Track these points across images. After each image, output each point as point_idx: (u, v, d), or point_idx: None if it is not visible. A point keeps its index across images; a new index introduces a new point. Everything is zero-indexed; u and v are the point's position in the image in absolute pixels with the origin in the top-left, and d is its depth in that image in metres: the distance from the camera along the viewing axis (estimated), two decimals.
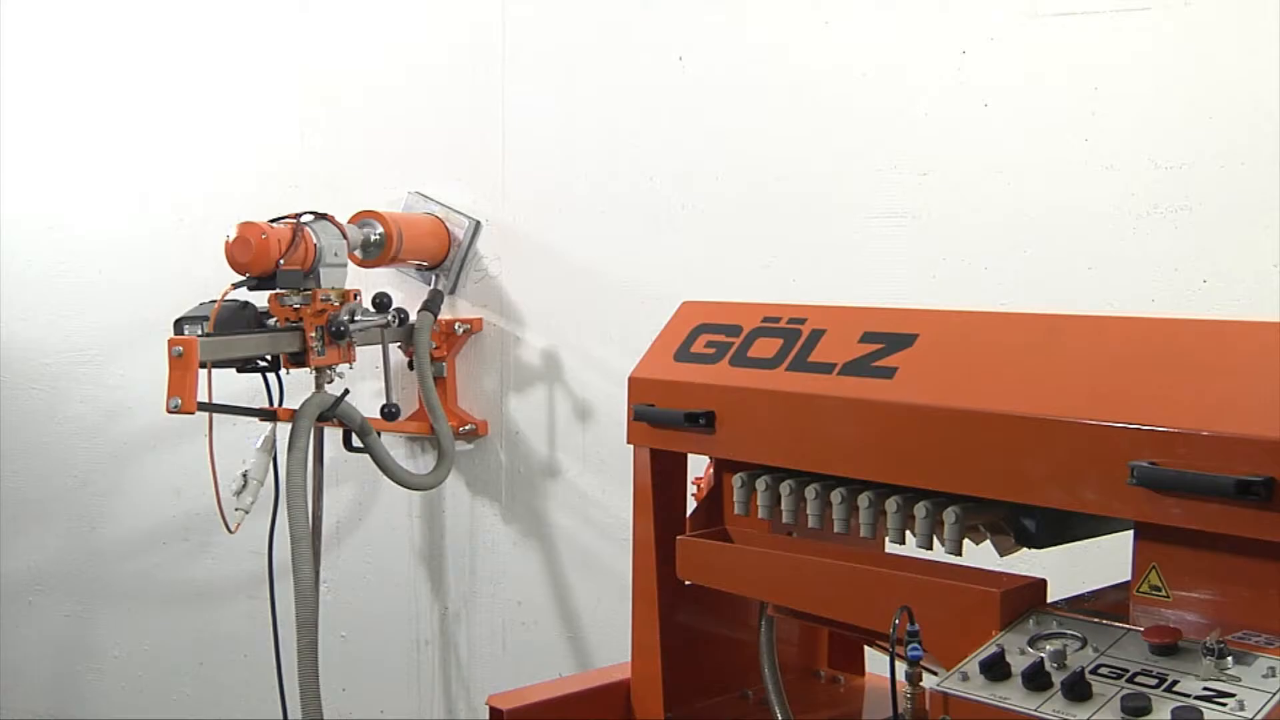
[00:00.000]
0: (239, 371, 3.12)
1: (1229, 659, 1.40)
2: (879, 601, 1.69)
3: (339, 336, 3.02)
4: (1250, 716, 1.31)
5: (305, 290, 3.02)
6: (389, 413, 3.11)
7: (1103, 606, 1.65)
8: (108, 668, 4.27)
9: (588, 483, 3.39)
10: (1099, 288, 2.70)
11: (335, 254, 3.10)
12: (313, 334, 3.03)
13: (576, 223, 3.37)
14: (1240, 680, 1.37)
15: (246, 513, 3.10)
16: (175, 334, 2.92)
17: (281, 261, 2.94)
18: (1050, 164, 2.76)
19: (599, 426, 3.35)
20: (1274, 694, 1.33)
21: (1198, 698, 1.36)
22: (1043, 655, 1.49)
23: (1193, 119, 2.61)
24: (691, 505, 2.14)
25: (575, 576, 3.45)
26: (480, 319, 3.51)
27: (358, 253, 3.28)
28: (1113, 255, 2.70)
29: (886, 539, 1.81)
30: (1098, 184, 2.71)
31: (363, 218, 3.30)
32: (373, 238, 3.29)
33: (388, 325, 3.12)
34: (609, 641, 3.32)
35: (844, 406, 1.81)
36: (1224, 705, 1.34)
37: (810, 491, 1.85)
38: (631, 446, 2.12)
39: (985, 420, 1.66)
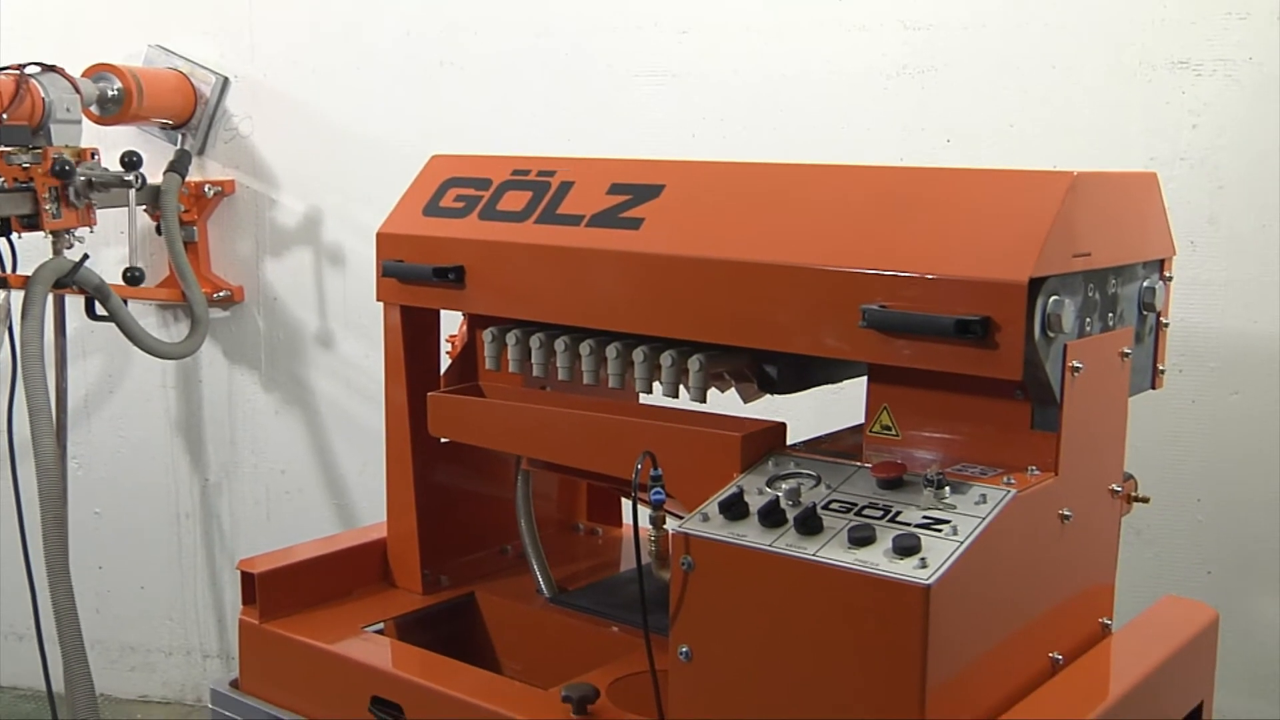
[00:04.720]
0: None
1: (946, 489, 1.48)
2: (626, 450, 1.71)
3: (63, 176, 2.80)
4: (961, 540, 1.39)
5: (35, 148, 2.84)
6: (132, 277, 2.96)
7: (839, 448, 1.71)
8: None
9: (349, 347, 3.33)
10: (851, 146, 2.76)
11: (67, 109, 2.91)
12: (45, 195, 2.85)
13: (331, 79, 3.24)
14: (956, 508, 1.45)
15: None
16: None
17: (4, 116, 2.74)
18: (805, 24, 2.79)
19: (359, 289, 3.27)
20: (983, 518, 1.42)
21: (917, 526, 1.43)
22: (778, 494, 1.55)
23: None
24: (446, 364, 2.12)
25: (339, 442, 3.40)
26: (232, 180, 3.36)
27: (94, 109, 3.09)
28: (864, 114, 2.76)
29: (637, 389, 1.84)
30: (850, 44, 2.76)
31: (98, 71, 3.10)
32: (110, 93, 3.11)
33: (130, 185, 2.95)
34: (376, 506, 3.24)
35: (592, 258, 1.81)
36: (939, 531, 1.41)
37: (560, 344, 1.86)
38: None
39: (727, 268, 1.68)
